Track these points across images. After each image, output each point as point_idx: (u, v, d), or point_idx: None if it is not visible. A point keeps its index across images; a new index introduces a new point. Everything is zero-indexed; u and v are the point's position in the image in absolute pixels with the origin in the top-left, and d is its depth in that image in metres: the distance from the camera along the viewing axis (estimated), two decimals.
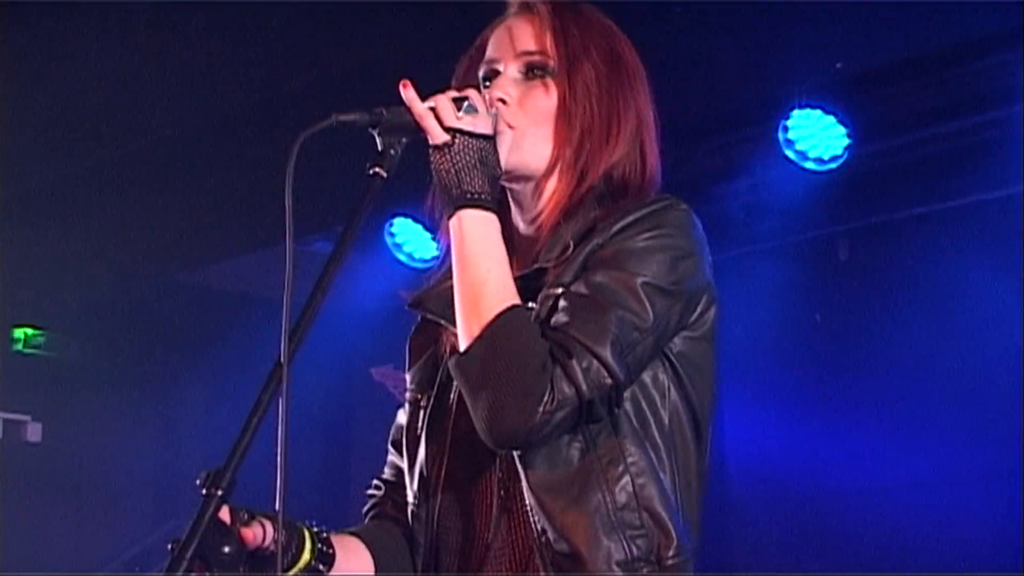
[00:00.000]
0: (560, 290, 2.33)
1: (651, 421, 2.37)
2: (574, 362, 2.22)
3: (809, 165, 6.15)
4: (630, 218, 2.36)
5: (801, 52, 5.55)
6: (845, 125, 6.05)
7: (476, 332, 2.27)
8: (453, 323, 2.39)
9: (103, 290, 8.13)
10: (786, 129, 6.13)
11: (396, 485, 2.60)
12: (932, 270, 6.44)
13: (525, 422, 2.21)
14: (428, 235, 7.07)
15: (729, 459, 7.08)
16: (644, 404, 2.36)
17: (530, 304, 2.36)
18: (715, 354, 2.47)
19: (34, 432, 8.83)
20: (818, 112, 6.02)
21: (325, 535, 2.42)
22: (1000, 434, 6.11)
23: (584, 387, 2.22)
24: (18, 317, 8.69)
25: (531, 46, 2.50)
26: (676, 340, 2.39)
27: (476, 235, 2.33)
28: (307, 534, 2.38)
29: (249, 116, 6.12)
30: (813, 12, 5.30)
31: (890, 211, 6.54)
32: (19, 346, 8.72)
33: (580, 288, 2.30)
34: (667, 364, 2.39)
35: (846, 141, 6.08)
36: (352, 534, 2.54)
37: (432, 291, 2.53)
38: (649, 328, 2.30)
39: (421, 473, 2.49)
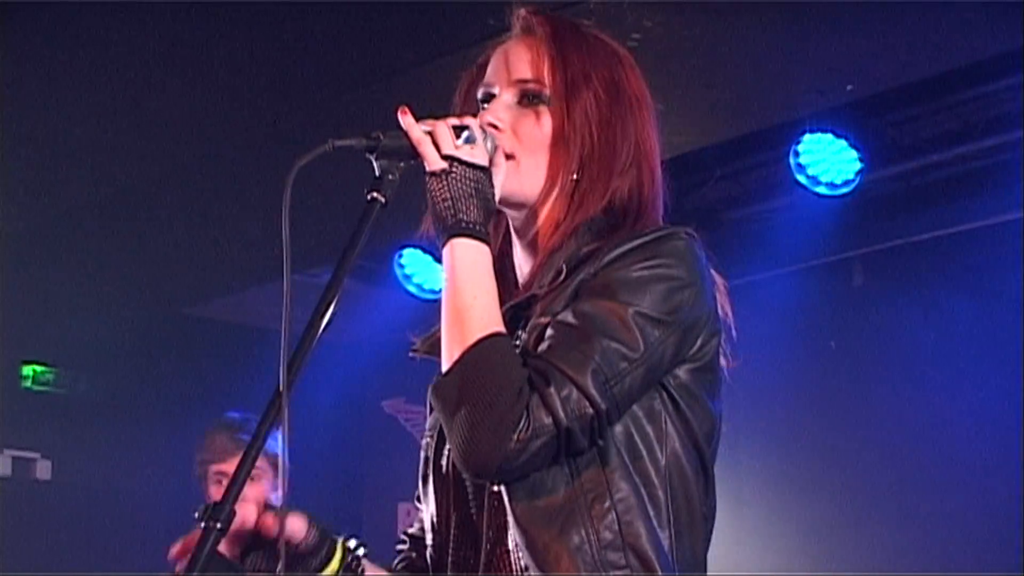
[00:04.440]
0: (548, 319, 2.27)
1: (644, 454, 2.28)
2: (552, 390, 2.15)
3: (821, 190, 6.11)
4: (625, 247, 2.30)
5: (812, 75, 5.51)
6: (857, 149, 6.01)
7: (456, 358, 2.22)
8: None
9: (111, 325, 8.12)
10: (797, 154, 6.09)
11: (419, 538, 2.56)
12: (948, 294, 6.40)
13: (498, 448, 2.14)
14: (438, 266, 7.03)
15: (744, 484, 7.05)
16: (637, 437, 2.28)
17: (519, 332, 2.32)
18: (717, 384, 2.40)
19: (43, 470, 8.81)
20: (829, 136, 5.98)
21: (360, 554, 2.40)
22: (1006, 463, 6.09)
23: (562, 415, 2.15)
24: (27, 354, 8.67)
25: (526, 73, 2.45)
26: (677, 371, 2.31)
27: (466, 263, 2.28)
28: (339, 547, 2.37)
29: (254, 149, 6.10)
30: (823, 35, 5.26)
31: (905, 235, 6.50)
32: (28, 383, 8.70)
33: (567, 317, 2.24)
34: (665, 395, 2.31)
35: (858, 165, 6.04)
36: (388, 569, 2.51)
37: (433, 334, 2.49)
38: (639, 359, 2.22)
39: (432, 519, 2.45)
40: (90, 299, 7.65)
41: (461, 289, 2.26)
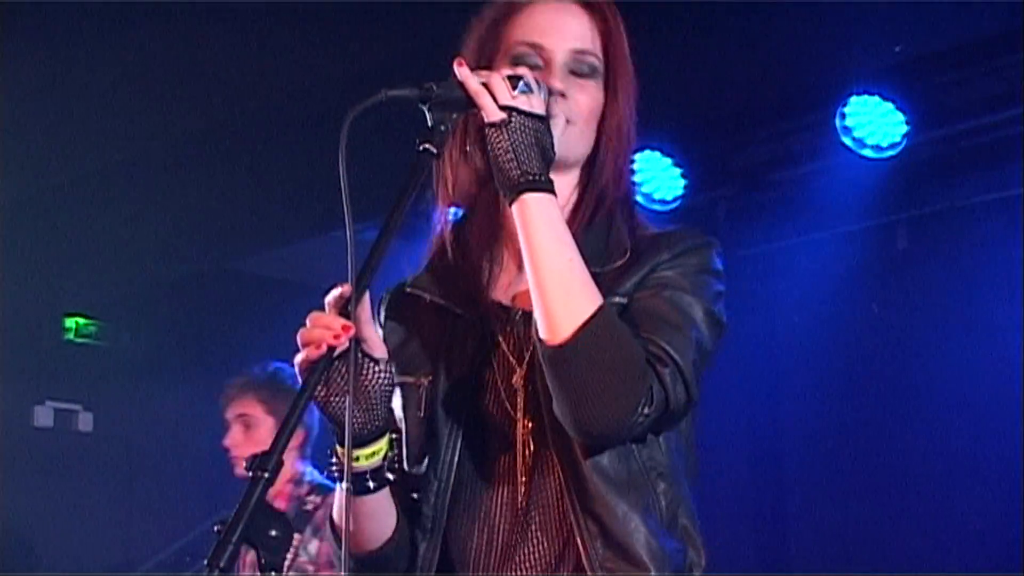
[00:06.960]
0: (621, 299, 2.34)
1: (684, 434, 2.44)
2: (667, 371, 2.26)
3: (867, 152, 6.08)
4: (689, 244, 2.41)
5: (859, 36, 5.46)
6: (904, 112, 5.97)
7: (572, 325, 2.21)
8: (460, 306, 2.45)
9: (155, 278, 8.14)
10: (844, 116, 6.06)
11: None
12: (992, 260, 6.35)
13: (623, 420, 2.23)
14: None
15: (786, 443, 7.06)
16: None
17: None
18: None
19: (85, 422, 8.87)
20: (876, 99, 5.95)
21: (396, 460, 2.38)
22: None
23: (672, 397, 2.27)
24: (70, 306, 8.70)
25: (584, 44, 2.47)
26: None
27: (548, 220, 2.28)
28: (388, 439, 2.33)
29: (303, 100, 6.08)
30: None
31: (950, 199, 6.46)
32: (71, 335, 8.74)
33: (658, 302, 2.34)
34: None
35: (904, 128, 6.00)
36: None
37: (427, 275, 2.54)
38: (710, 353, 2.37)
39: (431, 459, 2.44)
40: (134, 252, 7.66)
41: (550, 249, 2.28)
